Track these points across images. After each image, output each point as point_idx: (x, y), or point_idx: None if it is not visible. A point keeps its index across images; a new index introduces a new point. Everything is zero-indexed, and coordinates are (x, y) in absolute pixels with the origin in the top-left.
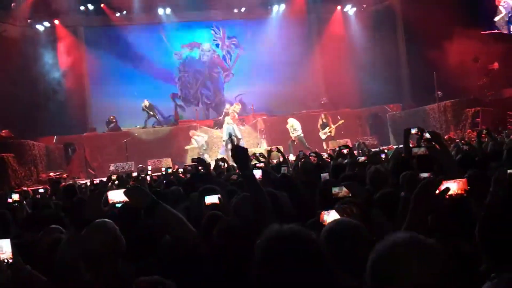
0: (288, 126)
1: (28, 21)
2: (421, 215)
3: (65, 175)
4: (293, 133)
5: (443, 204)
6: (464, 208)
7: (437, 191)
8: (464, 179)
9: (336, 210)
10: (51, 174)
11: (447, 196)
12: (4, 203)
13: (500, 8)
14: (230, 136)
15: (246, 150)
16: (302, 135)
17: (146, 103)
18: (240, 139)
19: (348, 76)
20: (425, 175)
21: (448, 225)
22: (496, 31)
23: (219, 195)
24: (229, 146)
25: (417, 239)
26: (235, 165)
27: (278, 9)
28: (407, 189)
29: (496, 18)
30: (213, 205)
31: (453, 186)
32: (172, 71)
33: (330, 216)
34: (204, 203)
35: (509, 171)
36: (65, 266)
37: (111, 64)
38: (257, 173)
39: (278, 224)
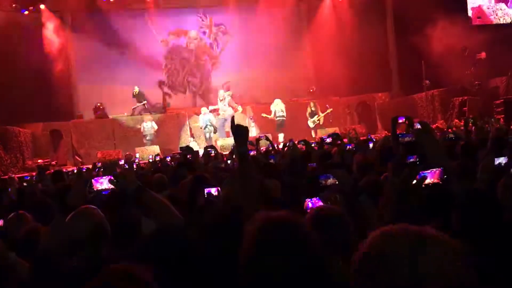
0: (276, 108)
1: (13, 5)
2: (403, 206)
3: (54, 162)
4: (279, 114)
5: (421, 192)
6: (444, 195)
7: (414, 181)
8: (440, 169)
9: (320, 198)
10: (39, 161)
11: (424, 185)
12: None
13: None
14: (232, 118)
15: (247, 128)
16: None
17: (137, 89)
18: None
19: (337, 64)
20: (411, 159)
21: (428, 212)
22: (483, 22)
23: (218, 187)
24: (211, 134)
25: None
26: (223, 153)
27: None
28: (393, 174)
29: None
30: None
31: (429, 176)
32: (158, 58)
33: (314, 204)
34: (204, 195)
35: (496, 160)
36: (49, 253)
37: (98, 50)
38: None
39: (266, 210)
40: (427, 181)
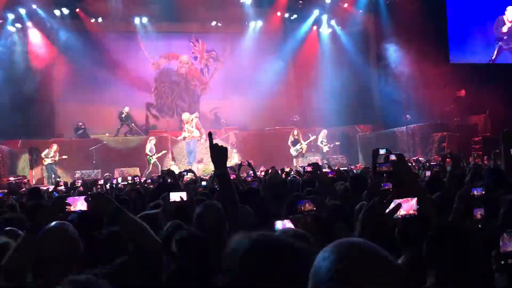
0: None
1: (0, 21)
2: (370, 231)
3: (25, 180)
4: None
5: (393, 221)
6: (420, 224)
7: (387, 210)
8: (414, 199)
9: (290, 220)
10: (10, 178)
11: (400, 216)
12: None
13: None
14: (210, 134)
15: (225, 149)
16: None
17: (126, 109)
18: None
19: (320, 95)
20: (386, 186)
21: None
22: (463, 62)
23: (185, 193)
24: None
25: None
26: (202, 177)
27: (255, 26)
28: (368, 199)
29: None
30: (177, 202)
31: (404, 206)
32: (148, 80)
33: (284, 226)
34: (169, 199)
35: (474, 191)
36: (11, 272)
37: (85, 70)
38: None
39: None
40: (403, 212)
